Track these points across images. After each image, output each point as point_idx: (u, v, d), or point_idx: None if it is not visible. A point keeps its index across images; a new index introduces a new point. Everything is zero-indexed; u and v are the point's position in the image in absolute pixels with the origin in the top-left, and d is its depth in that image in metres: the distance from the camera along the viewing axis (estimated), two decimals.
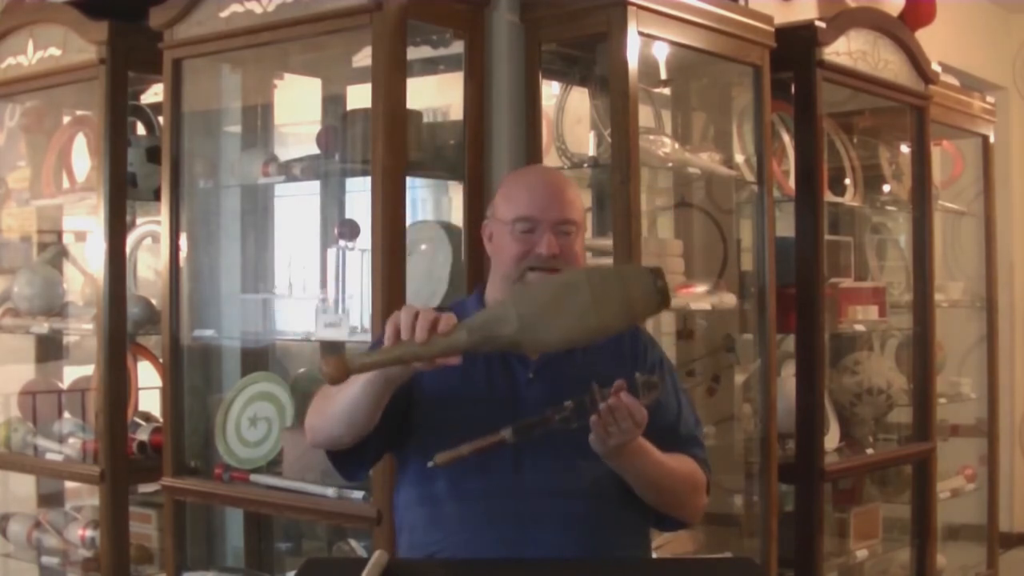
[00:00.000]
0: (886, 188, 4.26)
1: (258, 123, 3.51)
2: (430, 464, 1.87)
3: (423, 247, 3.10)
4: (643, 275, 1.88)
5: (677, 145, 3.29)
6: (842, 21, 3.61)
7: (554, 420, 1.85)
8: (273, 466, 3.11)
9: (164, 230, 3.26)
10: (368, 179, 2.81)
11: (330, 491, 2.87)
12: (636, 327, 2.35)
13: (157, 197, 3.34)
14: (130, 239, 3.62)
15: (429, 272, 3.05)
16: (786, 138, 3.77)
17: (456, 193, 3.20)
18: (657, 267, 1.92)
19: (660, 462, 2.03)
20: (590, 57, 3.26)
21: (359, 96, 3.18)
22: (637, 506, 2.08)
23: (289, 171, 3.17)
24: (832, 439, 3.70)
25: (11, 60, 3.61)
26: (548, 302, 1.82)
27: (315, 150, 3.18)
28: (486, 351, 1.87)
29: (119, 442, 3.39)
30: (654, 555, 2.49)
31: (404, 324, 1.77)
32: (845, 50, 3.60)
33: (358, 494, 2.83)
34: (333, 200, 3.41)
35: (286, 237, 3.47)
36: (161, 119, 3.38)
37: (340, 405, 1.95)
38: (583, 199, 3.35)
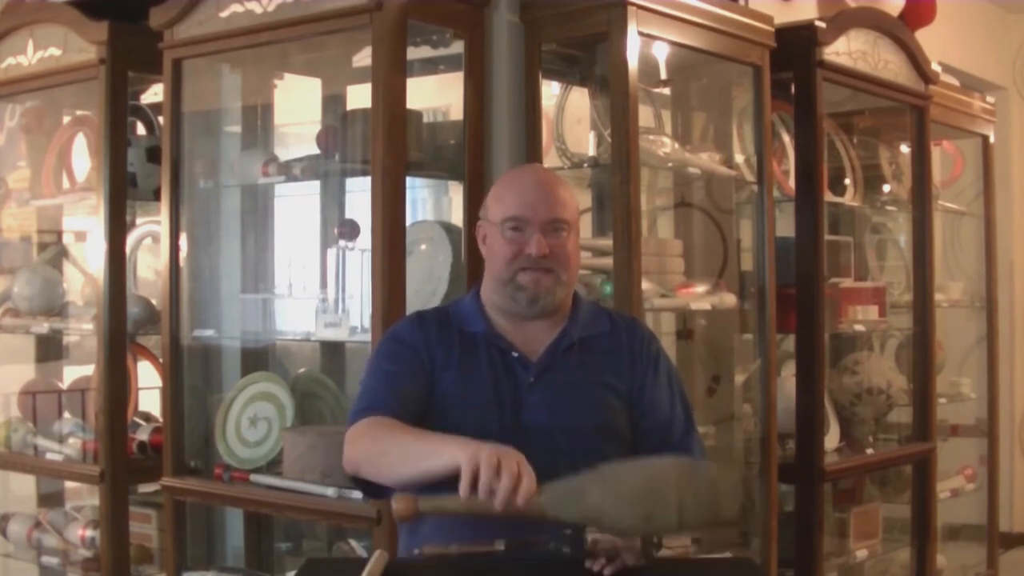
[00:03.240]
0: (886, 188, 4.26)
1: (258, 123, 3.51)
2: (416, 551, 1.88)
3: (423, 247, 3.11)
4: (734, 477, 1.89)
5: (677, 145, 3.29)
6: (842, 21, 3.61)
7: (548, 546, 1.83)
8: (273, 466, 3.11)
9: (164, 230, 3.25)
10: (368, 179, 2.81)
11: (330, 491, 2.86)
12: (633, 319, 2.37)
13: (157, 197, 3.34)
14: (130, 239, 3.62)
15: (429, 272, 3.06)
16: (786, 138, 3.77)
17: (456, 193, 3.20)
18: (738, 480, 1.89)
19: None
20: (590, 57, 3.26)
21: (359, 96, 3.18)
22: None
23: (289, 171, 3.17)
24: (832, 439, 3.70)
25: (11, 60, 3.61)
26: (633, 493, 1.77)
27: (315, 150, 3.18)
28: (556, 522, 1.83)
29: (119, 442, 3.39)
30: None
31: (484, 483, 1.72)
32: (845, 50, 3.60)
33: (358, 494, 2.81)
34: (333, 200, 3.41)
35: (286, 237, 3.47)
36: (161, 119, 3.38)
37: (399, 475, 1.91)
38: (582, 199, 3.39)
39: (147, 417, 3.63)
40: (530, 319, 2.12)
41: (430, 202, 3.44)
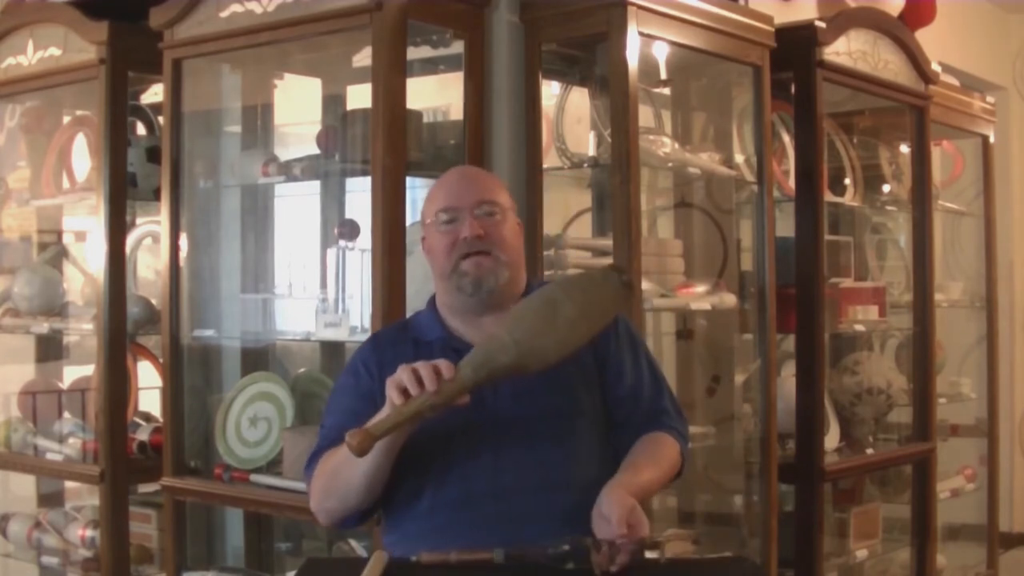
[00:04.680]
0: (886, 188, 4.26)
1: (258, 123, 3.51)
2: (413, 558, 1.89)
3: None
4: (609, 275, 2.02)
5: (677, 145, 3.29)
6: (842, 21, 3.61)
7: (547, 556, 1.85)
8: (273, 466, 3.11)
9: (164, 230, 3.25)
10: (368, 179, 2.81)
11: None
12: None
13: (157, 197, 3.34)
14: (130, 239, 3.62)
15: (429, 272, 3.05)
16: (786, 138, 3.77)
17: None
18: (617, 264, 1.98)
19: (652, 482, 2.05)
20: (590, 57, 3.26)
21: (359, 96, 3.18)
22: None
23: (289, 171, 3.17)
24: (832, 439, 3.70)
25: (11, 60, 3.61)
26: (538, 322, 1.90)
27: (315, 150, 3.18)
28: (491, 381, 1.90)
29: (119, 442, 3.39)
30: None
31: (408, 381, 1.84)
32: (845, 50, 3.60)
33: None
34: (333, 200, 3.41)
35: (286, 237, 3.47)
36: (161, 119, 3.38)
37: (359, 479, 1.97)
38: (582, 199, 3.39)
39: (147, 417, 3.63)
40: (482, 313, 2.11)
41: None
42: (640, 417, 2.14)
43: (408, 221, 2.87)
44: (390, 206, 2.77)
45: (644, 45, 2.97)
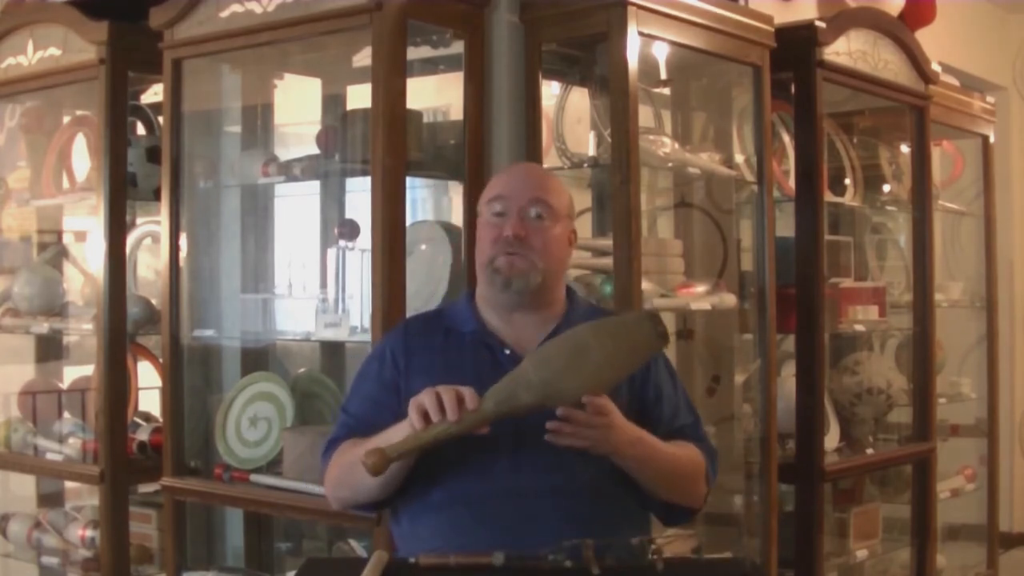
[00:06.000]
0: (886, 188, 4.26)
1: (258, 123, 3.51)
2: (411, 560, 1.90)
3: (423, 247, 3.10)
4: (643, 323, 1.99)
5: (677, 145, 3.29)
6: (842, 21, 3.61)
7: (547, 559, 1.85)
8: (273, 466, 3.11)
9: (164, 230, 3.26)
10: (368, 179, 2.81)
11: None
12: None
13: (157, 197, 3.34)
14: (130, 239, 3.62)
15: (429, 272, 3.06)
16: (786, 138, 3.77)
17: (456, 193, 3.20)
18: (654, 312, 1.96)
19: (660, 449, 2.05)
20: (590, 57, 3.26)
21: (359, 96, 3.18)
22: (637, 502, 2.09)
23: (289, 171, 3.17)
24: (832, 439, 3.70)
25: (11, 60, 3.61)
26: (565, 365, 1.91)
27: (315, 150, 3.18)
28: (512, 416, 1.92)
29: (119, 442, 3.39)
30: None
31: (431, 407, 1.85)
32: (845, 50, 3.60)
33: None
34: (333, 200, 3.41)
35: (286, 237, 3.47)
36: (161, 119, 3.38)
37: (372, 481, 1.97)
38: (582, 199, 3.40)
39: (147, 417, 3.63)
40: (514, 310, 2.13)
41: (430, 202, 3.44)
42: (677, 437, 2.16)
43: (408, 221, 2.87)
44: (390, 206, 2.77)
45: (644, 45, 2.97)
